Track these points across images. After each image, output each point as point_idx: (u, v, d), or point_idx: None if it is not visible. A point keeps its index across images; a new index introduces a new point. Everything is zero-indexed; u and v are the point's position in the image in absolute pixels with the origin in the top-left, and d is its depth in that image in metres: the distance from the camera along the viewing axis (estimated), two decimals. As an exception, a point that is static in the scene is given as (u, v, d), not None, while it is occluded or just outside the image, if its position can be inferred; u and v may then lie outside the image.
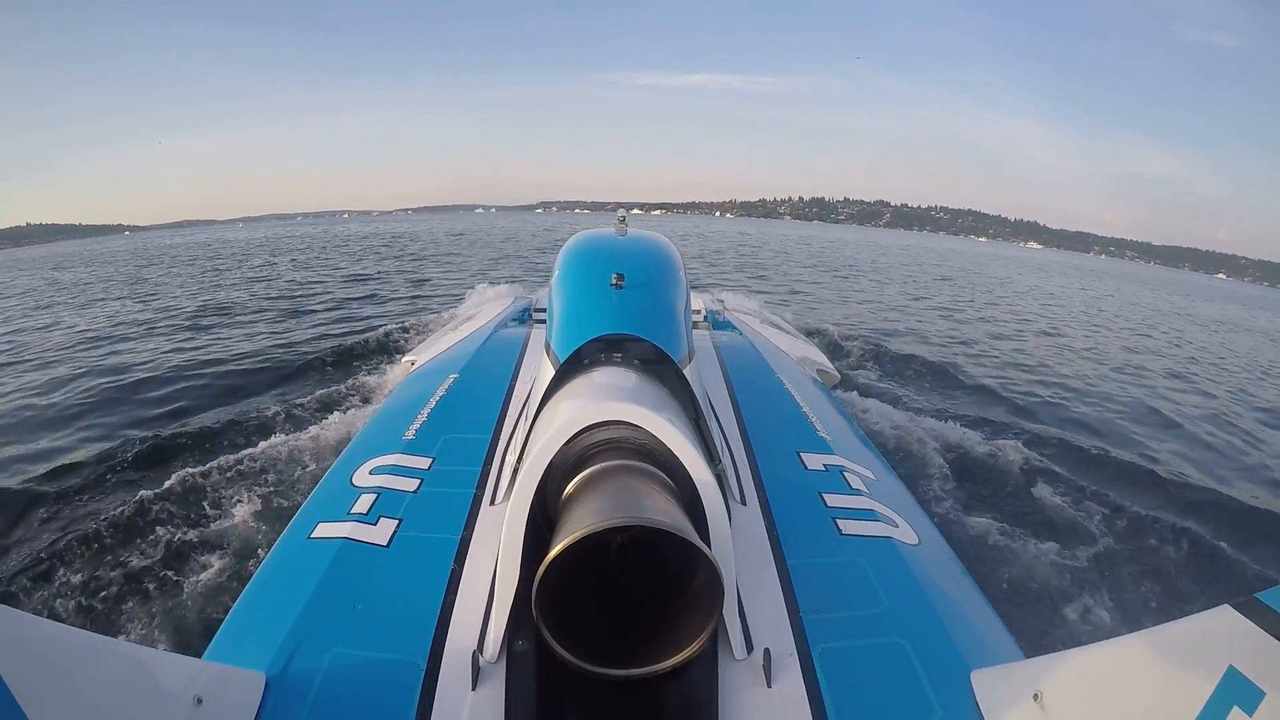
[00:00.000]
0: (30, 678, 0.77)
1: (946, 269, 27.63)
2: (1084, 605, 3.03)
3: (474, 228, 32.91)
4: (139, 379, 6.57)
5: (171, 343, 8.29)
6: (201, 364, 7.04)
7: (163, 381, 6.46)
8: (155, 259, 24.26)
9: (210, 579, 2.89)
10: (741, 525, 1.82)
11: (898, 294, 16.27)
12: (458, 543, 1.72)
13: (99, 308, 11.88)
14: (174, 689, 1.05)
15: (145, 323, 9.82)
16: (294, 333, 8.75)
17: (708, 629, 1.20)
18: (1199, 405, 7.87)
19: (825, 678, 1.33)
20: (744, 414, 2.70)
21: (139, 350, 7.96)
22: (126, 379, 6.59)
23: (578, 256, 2.65)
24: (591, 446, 1.49)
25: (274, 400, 5.47)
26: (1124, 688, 1.04)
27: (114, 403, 5.92)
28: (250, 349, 7.68)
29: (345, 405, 5.00)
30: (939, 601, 1.60)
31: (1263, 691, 0.84)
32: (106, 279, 17.75)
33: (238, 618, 1.54)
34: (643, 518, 1.13)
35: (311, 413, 4.87)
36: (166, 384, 6.38)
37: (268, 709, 1.23)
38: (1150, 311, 20.02)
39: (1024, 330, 12.09)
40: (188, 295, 12.83)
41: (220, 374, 6.63)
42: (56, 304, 13.03)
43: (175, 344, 8.20)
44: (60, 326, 10.13)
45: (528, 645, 1.28)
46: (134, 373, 6.82)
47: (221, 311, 10.54)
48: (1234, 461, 5.91)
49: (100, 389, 6.29)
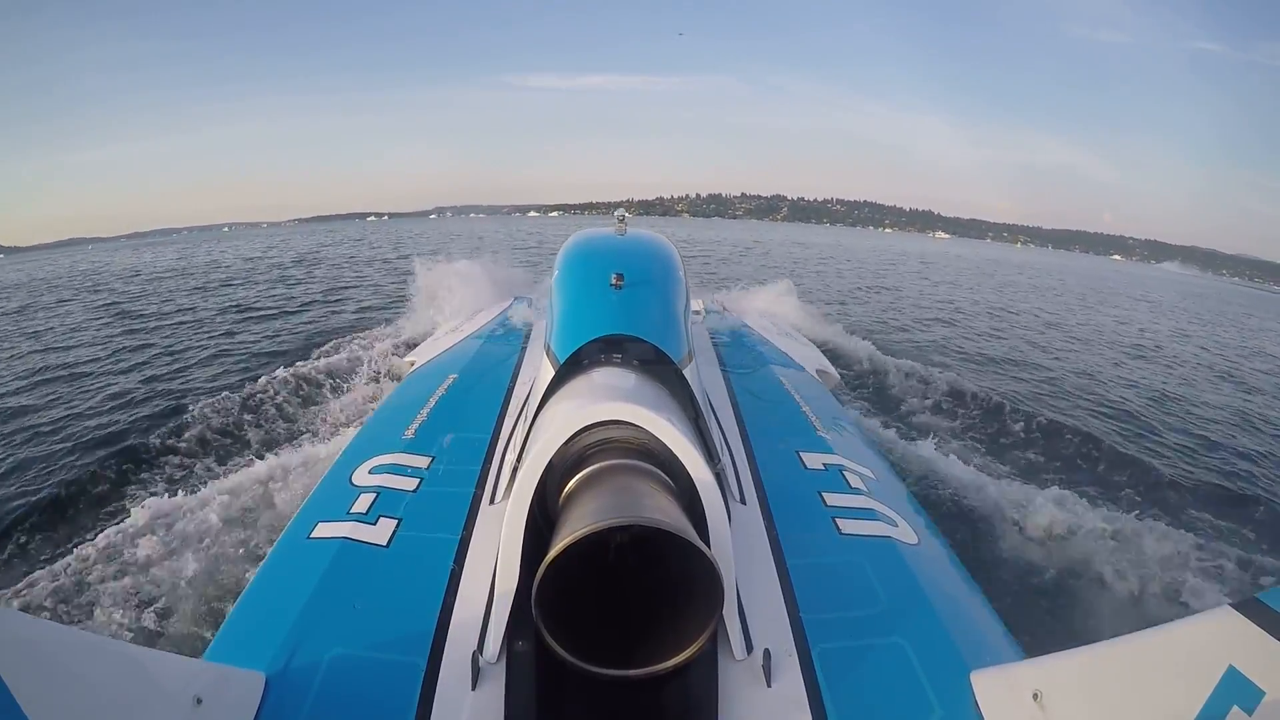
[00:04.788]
0: (30, 678, 0.77)
1: (867, 270, 22.46)
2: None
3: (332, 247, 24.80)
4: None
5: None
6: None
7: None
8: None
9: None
10: (741, 525, 1.82)
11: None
12: (457, 542, 1.72)
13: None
14: (174, 689, 1.05)
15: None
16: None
17: (708, 629, 1.20)
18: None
19: (825, 678, 1.33)
20: (744, 414, 2.70)
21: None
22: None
23: (577, 256, 2.65)
24: (591, 446, 1.49)
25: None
26: (1124, 687, 1.04)
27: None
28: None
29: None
30: (939, 601, 1.60)
31: (1262, 691, 0.84)
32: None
33: (238, 618, 1.54)
34: (642, 517, 1.13)
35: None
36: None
37: (268, 709, 1.23)
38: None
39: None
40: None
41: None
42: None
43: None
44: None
45: (527, 645, 1.28)
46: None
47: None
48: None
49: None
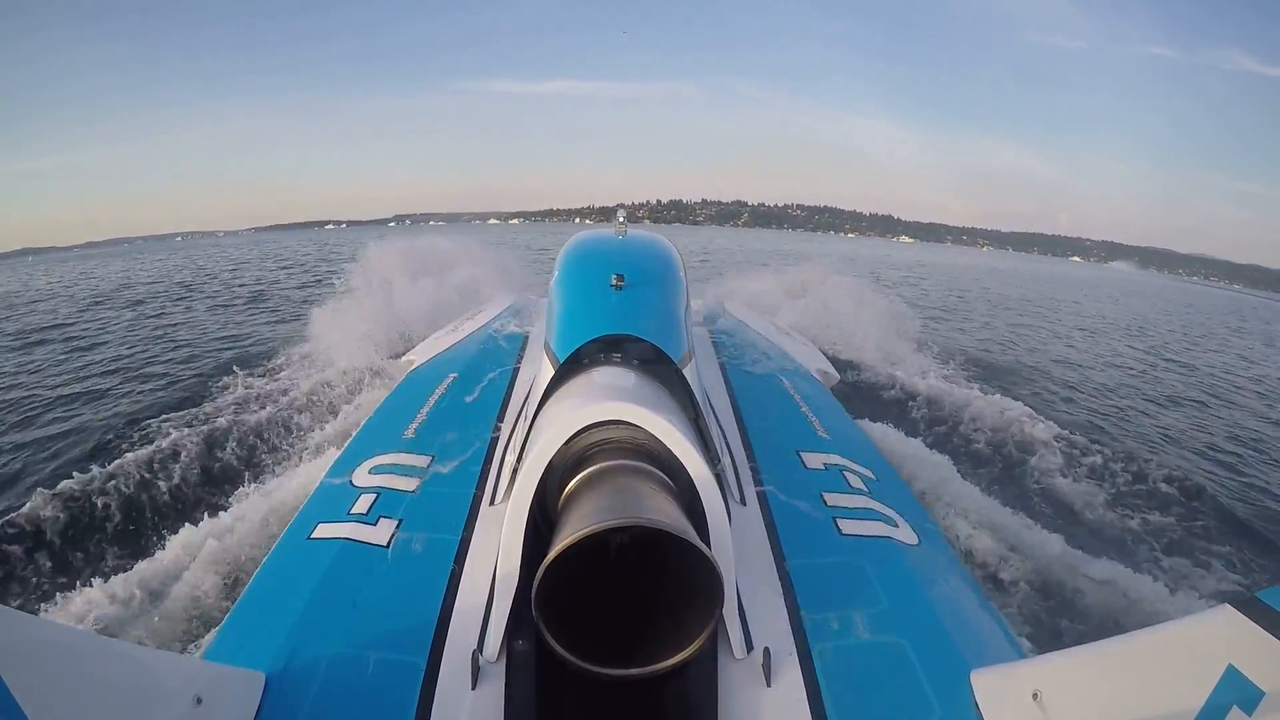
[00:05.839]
0: (30, 678, 0.77)
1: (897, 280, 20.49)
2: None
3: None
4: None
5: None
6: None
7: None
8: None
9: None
10: (741, 525, 1.82)
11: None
12: (457, 543, 1.72)
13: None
14: (174, 689, 1.05)
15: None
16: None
17: (707, 629, 1.20)
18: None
19: (825, 677, 1.33)
20: (744, 414, 2.70)
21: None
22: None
23: (577, 257, 2.65)
24: (591, 446, 1.49)
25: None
26: (1124, 687, 1.04)
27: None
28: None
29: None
30: (939, 601, 1.60)
31: (1262, 691, 0.84)
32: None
33: (238, 618, 1.54)
34: (642, 518, 1.13)
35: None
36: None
37: (268, 709, 1.23)
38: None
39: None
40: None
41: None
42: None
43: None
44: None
45: (527, 645, 1.28)
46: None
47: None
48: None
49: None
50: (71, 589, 2.84)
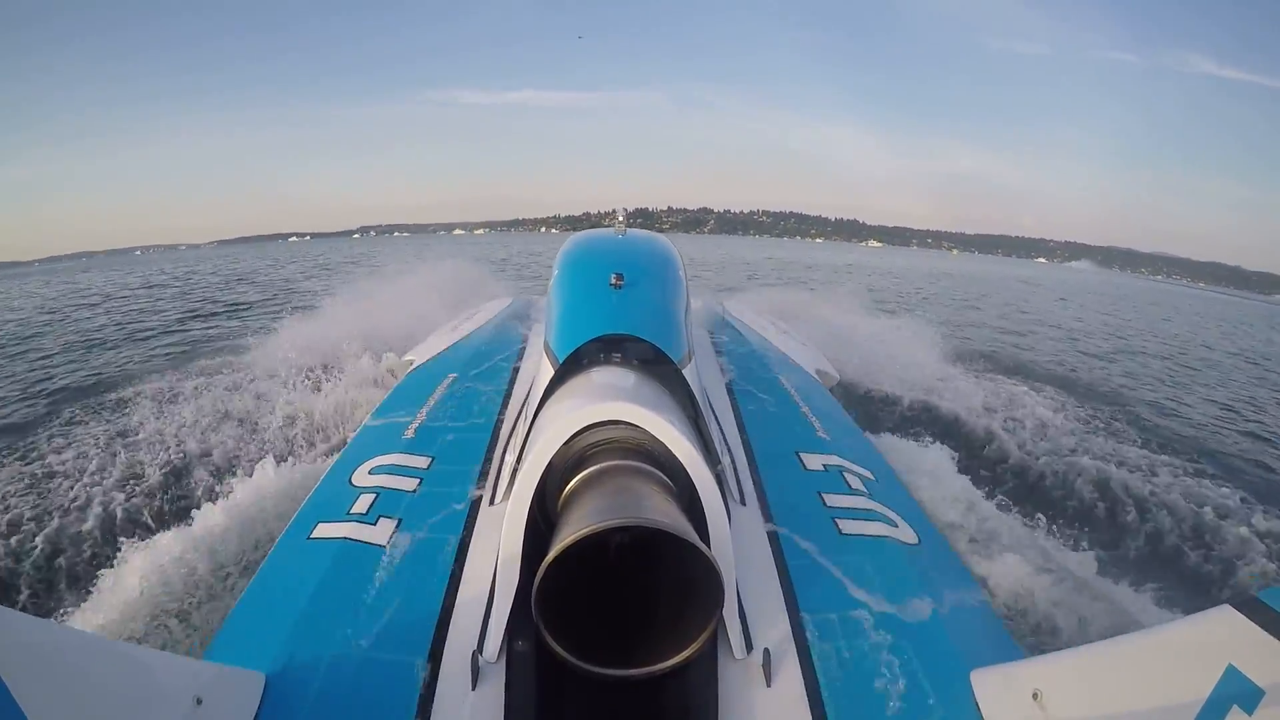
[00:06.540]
0: (30, 678, 0.77)
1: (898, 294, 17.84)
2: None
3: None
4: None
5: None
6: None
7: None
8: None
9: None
10: (741, 525, 1.82)
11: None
12: (457, 543, 1.72)
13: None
14: (174, 689, 1.05)
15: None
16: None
17: (707, 629, 1.20)
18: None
19: (825, 677, 1.33)
20: (744, 414, 2.70)
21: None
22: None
23: (577, 256, 2.65)
24: (591, 446, 1.49)
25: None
26: (1124, 686, 1.04)
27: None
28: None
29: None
30: (939, 601, 1.60)
31: (1262, 690, 0.84)
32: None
33: (238, 618, 1.54)
34: (642, 518, 1.13)
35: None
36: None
37: (268, 709, 1.23)
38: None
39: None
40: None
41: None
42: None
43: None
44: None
45: (527, 645, 1.28)
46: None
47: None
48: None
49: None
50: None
